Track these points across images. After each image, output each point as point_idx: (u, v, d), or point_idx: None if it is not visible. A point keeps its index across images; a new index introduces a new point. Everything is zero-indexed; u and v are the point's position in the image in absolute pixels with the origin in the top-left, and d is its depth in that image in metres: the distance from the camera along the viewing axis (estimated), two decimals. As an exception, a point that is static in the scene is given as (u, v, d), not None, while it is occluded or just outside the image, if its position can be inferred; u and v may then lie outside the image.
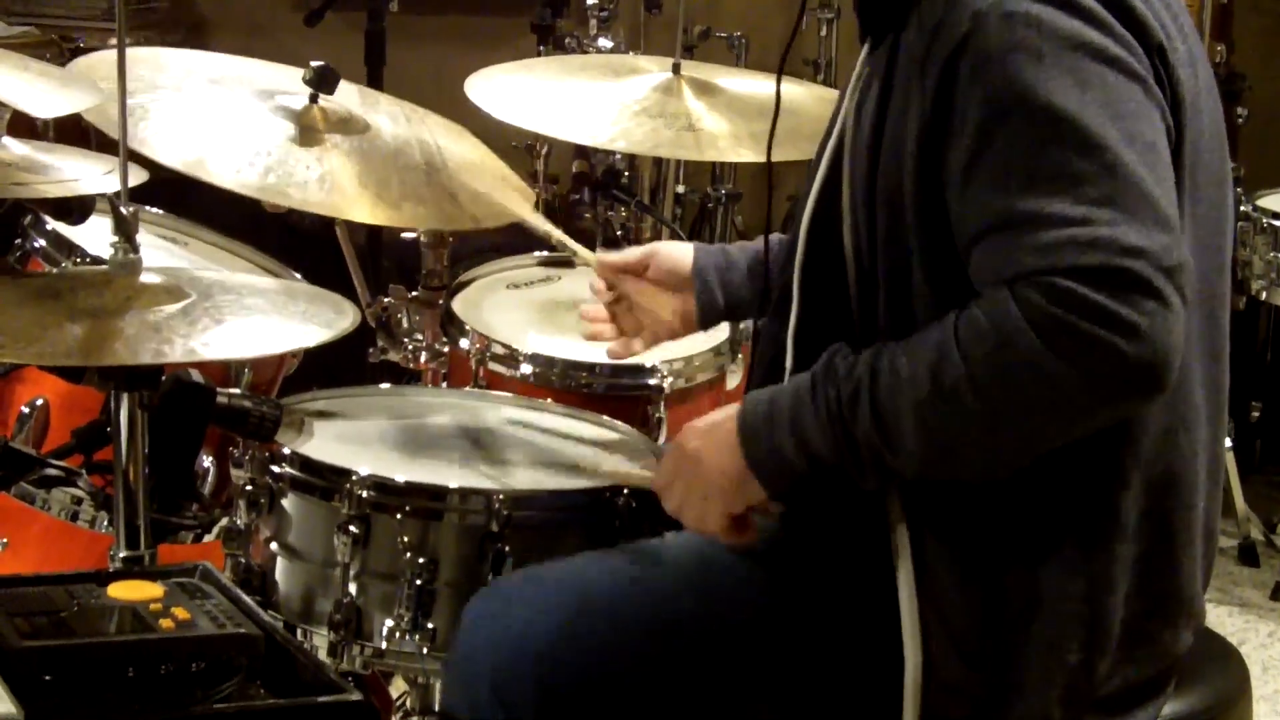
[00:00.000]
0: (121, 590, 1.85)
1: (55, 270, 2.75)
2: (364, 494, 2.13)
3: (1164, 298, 1.72)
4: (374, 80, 3.94)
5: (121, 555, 2.13)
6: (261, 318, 2.15)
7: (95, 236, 2.71)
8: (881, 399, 1.82)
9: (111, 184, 2.35)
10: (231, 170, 2.48)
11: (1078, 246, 1.72)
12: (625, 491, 2.18)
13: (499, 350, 2.81)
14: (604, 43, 4.80)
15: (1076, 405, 1.76)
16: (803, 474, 1.90)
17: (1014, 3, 1.80)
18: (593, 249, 2.78)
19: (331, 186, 2.53)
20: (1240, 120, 4.73)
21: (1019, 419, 1.78)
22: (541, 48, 4.96)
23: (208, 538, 2.63)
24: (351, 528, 2.12)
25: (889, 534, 1.92)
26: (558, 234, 2.62)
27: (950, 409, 1.78)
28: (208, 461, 2.73)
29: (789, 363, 2.04)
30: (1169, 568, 1.94)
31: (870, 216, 1.92)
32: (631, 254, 2.47)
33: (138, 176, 2.39)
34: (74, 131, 3.42)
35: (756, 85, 3.26)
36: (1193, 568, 1.97)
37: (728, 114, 3.07)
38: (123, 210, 2.07)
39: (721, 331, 2.91)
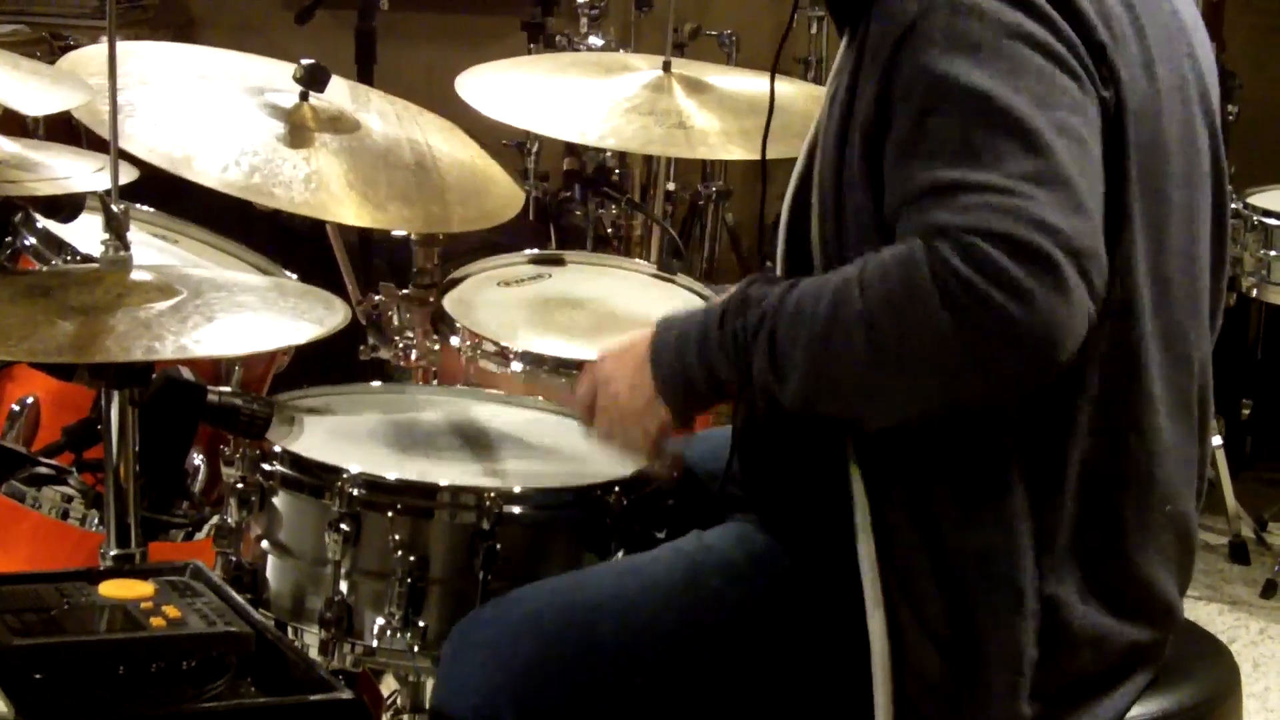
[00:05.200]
0: (112, 588, 1.84)
1: (46, 268, 2.75)
2: (354, 492, 2.13)
3: (1064, 277, 1.71)
4: (365, 78, 3.94)
5: (112, 553, 2.13)
6: (252, 315, 2.15)
7: (86, 234, 2.71)
8: (780, 333, 1.84)
9: (102, 181, 2.34)
10: (217, 169, 2.48)
11: (994, 211, 1.72)
12: (617, 489, 2.18)
13: (490, 348, 2.81)
14: (594, 40, 4.81)
15: (956, 360, 1.75)
16: (707, 398, 1.98)
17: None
18: (583, 246, 2.79)
19: (318, 186, 2.53)
20: (1231, 118, 4.74)
21: (901, 363, 1.77)
22: (532, 45, 4.98)
23: (198, 536, 2.63)
24: (342, 525, 2.12)
25: (855, 537, 1.93)
26: None
27: (840, 343, 1.79)
28: (198, 459, 2.73)
29: None
30: (1122, 565, 1.94)
31: (837, 205, 1.93)
32: None
33: (128, 174, 2.38)
34: (64, 129, 3.42)
35: (747, 83, 3.27)
36: (1155, 567, 1.96)
37: (718, 111, 3.07)
38: (113, 208, 2.06)
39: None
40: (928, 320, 1.73)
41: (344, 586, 2.15)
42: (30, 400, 2.75)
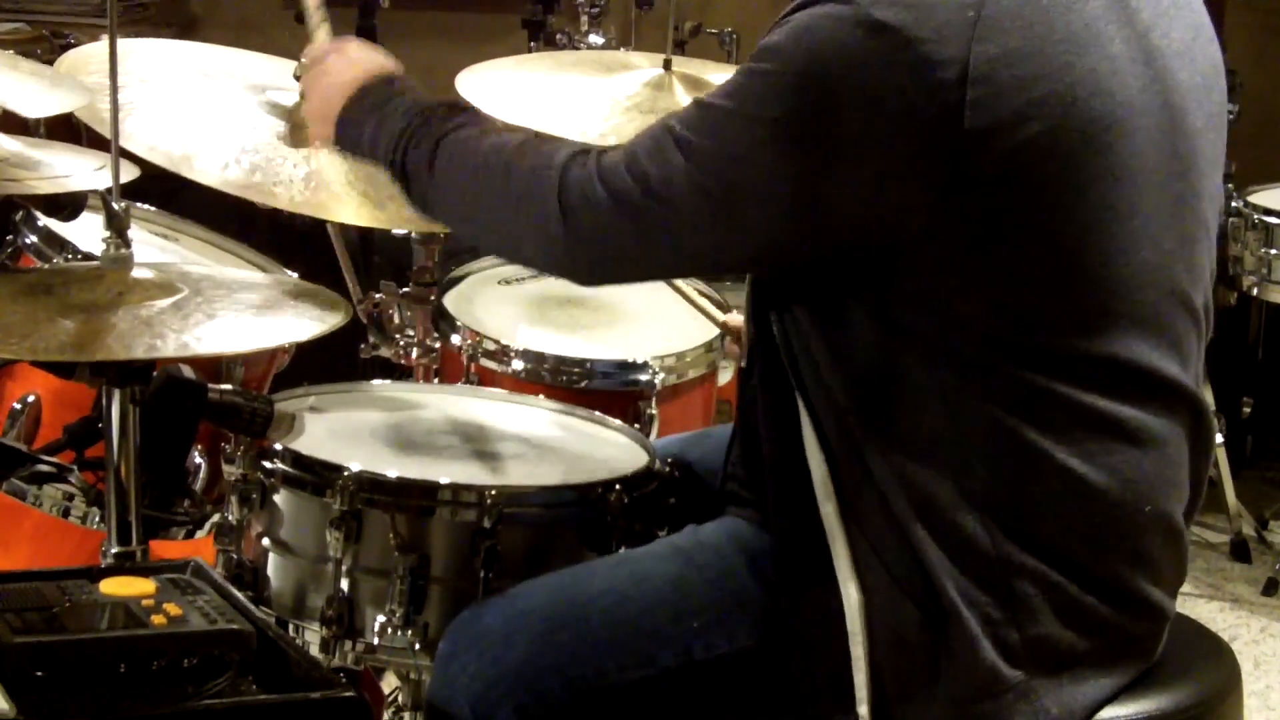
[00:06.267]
0: (113, 586, 1.84)
1: (47, 266, 2.75)
2: (355, 490, 2.13)
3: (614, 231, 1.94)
4: (365, 76, 3.93)
5: (113, 551, 2.13)
6: (253, 313, 2.15)
7: (87, 233, 2.71)
8: (444, 144, 2.08)
9: (103, 180, 2.34)
10: (218, 167, 2.48)
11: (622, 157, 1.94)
12: (618, 487, 2.18)
13: (490, 346, 2.81)
14: (595, 39, 4.80)
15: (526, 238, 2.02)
16: (359, 154, 2.20)
17: (830, 6, 1.83)
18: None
19: (318, 185, 2.53)
20: (1231, 117, 4.72)
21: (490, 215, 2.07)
22: (533, 44, 4.97)
23: (199, 534, 2.63)
24: (343, 523, 2.12)
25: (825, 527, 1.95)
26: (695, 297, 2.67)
27: (473, 176, 2.06)
28: (199, 457, 2.73)
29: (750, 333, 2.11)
30: (1087, 554, 1.93)
31: None
32: None
33: (129, 173, 2.39)
34: (65, 128, 3.42)
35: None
36: (1125, 562, 1.96)
37: (719, 110, 3.06)
38: (115, 206, 2.07)
39: (712, 328, 2.92)
40: (526, 191, 1.99)
41: (345, 584, 2.15)
42: (31, 398, 2.75)
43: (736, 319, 2.61)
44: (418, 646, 2.13)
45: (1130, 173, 1.89)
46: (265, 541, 2.22)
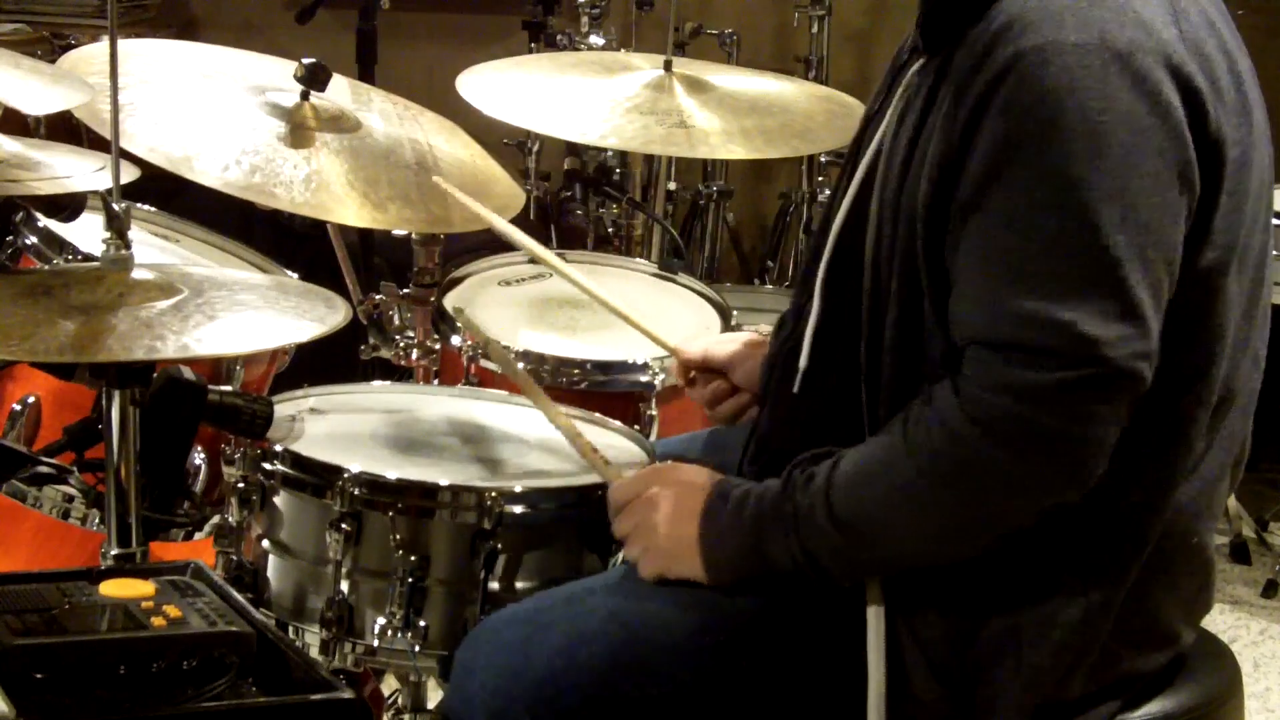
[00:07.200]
0: (113, 588, 1.85)
1: (47, 267, 2.75)
2: (355, 491, 2.13)
3: (1103, 388, 1.76)
4: (366, 78, 3.94)
5: (113, 553, 2.13)
6: (254, 313, 2.15)
7: (87, 234, 2.71)
8: (840, 510, 1.87)
9: (103, 180, 2.34)
10: (218, 168, 2.48)
11: (1032, 324, 1.76)
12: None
13: (490, 347, 2.80)
14: (595, 40, 4.81)
15: (1004, 483, 1.80)
16: (758, 578, 1.96)
17: (1056, 48, 1.77)
18: (584, 246, 2.79)
19: (318, 186, 2.53)
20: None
21: (967, 504, 1.83)
22: (533, 45, 4.98)
23: (199, 535, 2.63)
24: (343, 525, 2.12)
25: None
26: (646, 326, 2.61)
27: (911, 506, 1.84)
28: (199, 459, 2.73)
29: (803, 362, 2.05)
30: (1153, 606, 1.95)
31: (893, 230, 1.92)
32: (715, 355, 2.44)
33: (129, 173, 2.38)
34: (65, 128, 3.42)
35: (748, 82, 3.27)
36: (1180, 604, 1.98)
37: (719, 111, 3.07)
38: (115, 207, 2.07)
39: (715, 328, 2.92)
40: (978, 456, 1.80)
41: (345, 586, 2.15)
42: (31, 399, 2.75)
43: (686, 350, 2.51)
44: (418, 649, 2.13)
45: (1255, 185, 1.92)
46: (265, 543, 2.22)
